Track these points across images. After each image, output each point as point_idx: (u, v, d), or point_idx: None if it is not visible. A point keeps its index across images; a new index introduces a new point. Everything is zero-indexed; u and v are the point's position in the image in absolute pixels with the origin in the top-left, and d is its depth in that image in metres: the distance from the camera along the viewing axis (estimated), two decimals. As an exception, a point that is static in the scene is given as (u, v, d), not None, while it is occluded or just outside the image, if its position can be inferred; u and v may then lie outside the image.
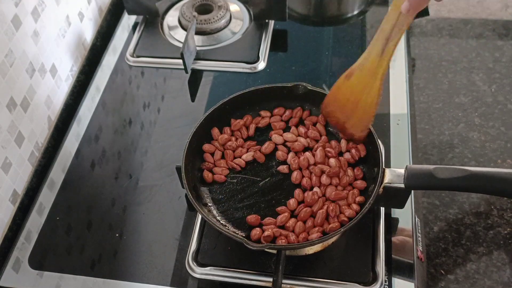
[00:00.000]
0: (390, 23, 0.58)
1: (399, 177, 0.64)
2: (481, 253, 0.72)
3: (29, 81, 0.79)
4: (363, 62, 0.64)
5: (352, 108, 0.66)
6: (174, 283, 0.67)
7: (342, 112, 0.68)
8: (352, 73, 0.65)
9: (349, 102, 0.66)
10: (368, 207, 0.63)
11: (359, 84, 0.65)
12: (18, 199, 0.77)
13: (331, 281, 0.65)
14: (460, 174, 0.61)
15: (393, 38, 0.59)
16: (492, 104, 0.89)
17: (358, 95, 0.65)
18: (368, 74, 0.63)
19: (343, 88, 0.67)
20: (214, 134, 0.74)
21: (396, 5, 0.58)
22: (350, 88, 0.66)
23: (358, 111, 0.66)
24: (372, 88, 0.64)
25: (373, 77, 0.63)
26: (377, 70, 0.62)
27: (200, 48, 0.94)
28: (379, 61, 0.62)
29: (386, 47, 0.60)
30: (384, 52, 0.61)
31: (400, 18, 0.57)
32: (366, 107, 0.66)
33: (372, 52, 0.62)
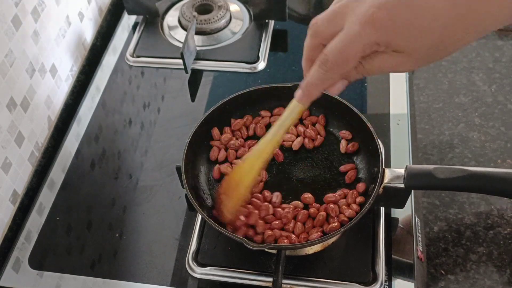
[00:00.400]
0: (288, 110, 0.58)
1: (399, 177, 0.64)
2: (481, 253, 0.72)
3: (29, 81, 0.79)
4: (256, 147, 0.64)
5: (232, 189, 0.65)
6: (174, 283, 0.67)
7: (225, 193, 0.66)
8: (246, 157, 0.65)
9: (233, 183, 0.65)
10: (368, 207, 0.63)
11: (247, 166, 0.64)
12: (18, 199, 0.77)
13: (331, 281, 0.65)
14: (460, 174, 0.61)
15: (284, 125, 0.59)
16: (492, 104, 0.89)
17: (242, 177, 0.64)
18: (255, 156, 0.63)
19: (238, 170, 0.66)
20: (214, 134, 0.74)
21: None
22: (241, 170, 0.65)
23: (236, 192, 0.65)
24: (252, 169, 0.63)
25: (257, 159, 0.63)
26: (262, 154, 0.62)
27: (200, 48, 0.94)
28: (267, 145, 0.61)
29: (277, 133, 0.60)
30: (274, 137, 0.60)
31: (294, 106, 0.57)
32: (242, 189, 0.65)
33: (266, 136, 0.62)
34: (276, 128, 0.60)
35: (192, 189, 0.68)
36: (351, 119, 0.72)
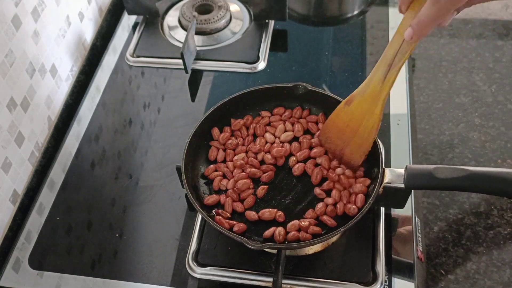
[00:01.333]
0: (393, 49, 0.58)
1: (399, 177, 0.64)
2: (481, 253, 0.71)
3: (29, 81, 0.79)
4: (364, 88, 0.63)
5: (350, 135, 0.66)
6: (174, 283, 0.67)
7: (340, 139, 0.67)
8: (352, 99, 0.65)
9: (348, 128, 0.66)
10: (368, 207, 0.63)
11: (359, 110, 0.64)
12: (18, 199, 0.77)
13: (331, 281, 0.65)
14: (460, 174, 0.61)
15: (395, 65, 0.59)
16: (492, 104, 0.89)
17: (358, 121, 0.65)
18: (369, 100, 0.63)
19: (342, 114, 0.66)
20: (214, 134, 0.74)
21: (400, 31, 0.57)
22: (350, 114, 0.65)
23: (357, 138, 0.65)
24: (372, 114, 0.63)
25: (374, 103, 0.62)
26: (378, 96, 0.62)
27: (200, 48, 0.94)
28: (381, 87, 0.61)
29: (388, 74, 0.59)
30: (386, 79, 0.60)
31: (403, 45, 0.57)
32: (365, 134, 0.65)
33: (374, 78, 0.61)
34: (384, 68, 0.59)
35: (192, 189, 0.68)
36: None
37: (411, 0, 0.54)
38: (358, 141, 0.66)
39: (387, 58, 0.59)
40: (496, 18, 1.03)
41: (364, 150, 0.66)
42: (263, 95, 0.76)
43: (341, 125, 0.67)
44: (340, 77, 0.89)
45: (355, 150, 0.67)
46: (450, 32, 1.01)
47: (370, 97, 0.62)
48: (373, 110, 0.63)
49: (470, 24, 1.03)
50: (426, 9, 0.51)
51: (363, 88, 0.64)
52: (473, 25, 1.02)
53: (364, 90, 0.63)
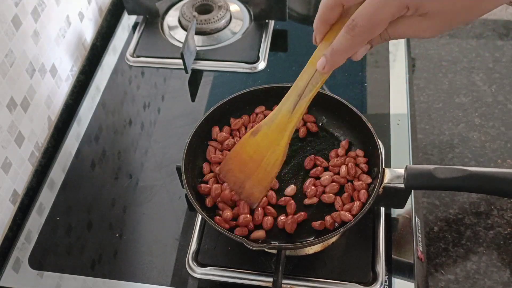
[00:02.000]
0: (304, 79, 0.56)
1: (399, 177, 0.64)
2: (481, 253, 0.72)
3: (29, 81, 0.79)
4: (272, 118, 0.60)
5: (253, 167, 0.62)
6: (174, 283, 0.67)
7: (242, 171, 0.63)
8: (258, 129, 0.61)
9: (251, 160, 0.62)
10: (368, 207, 0.63)
11: (265, 142, 0.61)
12: (18, 199, 0.77)
13: (331, 281, 0.65)
14: (460, 174, 0.61)
15: (305, 95, 0.56)
16: (492, 104, 0.89)
17: (262, 152, 0.61)
18: (276, 131, 0.60)
19: (247, 145, 0.62)
20: (214, 134, 0.74)
21: (312, 62, 0.55)
22: (255, 145, 0.62)
23: (260, 171, 0.62)
24: (278, 146, 0.60)
25: (280, 135, 0.60)
26: (285, 128, 0.59)
27: (200, 48, 0.94)
28: (289, 118, 0.58)
29: (297, 104, 0.57)
30: (295, 109, 0.58)
31: (315, 75, 0.55)
32: (268, 167, 0.61)
33: (283, 108, 0.59)
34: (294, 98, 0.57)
35: (192, 189, 0.67)
36: (351, 119, 0.72)
37: (326, 31, 0.53)
38: (260, 175, 0.62)
39: (298, 88, 0.57)
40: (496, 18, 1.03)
41: (265, 185, 0.62)
42: (263, 95, 0.76)
43: (244, 156, 0.63)
44: (340, 77, 0.89)
45: (255, 184, 0.62)
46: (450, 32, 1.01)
47: (277, 128, 0.60)
48: (278, 142, 0.60)
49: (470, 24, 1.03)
50: (340, 38, 0.49)
51: (270, 118, 0.60)
52: (473, 25, 1.02)
53: (271, 121, 0.60)
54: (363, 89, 0.86)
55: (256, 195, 0.63)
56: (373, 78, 0.87)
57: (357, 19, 0.47)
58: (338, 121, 0.74)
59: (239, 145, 0.64)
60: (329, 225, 0.65)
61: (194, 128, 0.71)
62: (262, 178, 0.62)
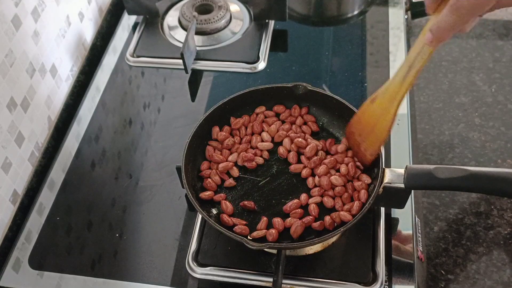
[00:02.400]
0: (415, 51, 0.58)
1: (399, 177, 0.64)
2: (481, 253, 0.72)
3: (29, 81, 0.79)
4: (386, 87, 0.64)
5: (368, 131, 0.67)
6: (174, 283, 0.67)
7: (360, 135, 0.68)
8: (376, 97, 0.66)
9: (368, 125, 0.67)
10: (368, 207, 0.63)
11: (379, 108, 0.65)
12: (18, 199, 0.77)
13: (331, 281, 0.65)
14: (460, 174, 0.61)
15: (415, 66, 0.59)
16: (492, 104, 0.89)
17: (376, 119, 0.66)
18: (388, 99, 0.63)
19: (367, 111, 0.67)
20: (214, 134, 0.74)
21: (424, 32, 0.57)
22: (372, 111, 0.66)
23: (373, 135, 0.66)
24: (388, 113, 0.64)
25: (391, 102, 0.63)
26: (395, 96, 0.63)
27: (200, 48, 0.94)
28: (400, 87, 0.62)
29: (408, 74, 0.60)
30: (405, 79, 0.61)
31: (424, 47, 0.57)
32: (380, 132, 0.66)
33: (396, 77, 0.62)
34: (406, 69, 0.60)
35: (192, 189, 0.68)
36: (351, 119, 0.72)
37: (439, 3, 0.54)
38: (373, 138, 0.67)
39: (410, 59, 0.59)
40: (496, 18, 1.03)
41: (375, 149, 0.67)
42: (263, 95, 0.76)
43: (364, 122, 0.68)
44: (340, 77, 0.89)
45: (368, 147, 0.68)
46: (450, 32, 1.01)
47: (389, 96, 0.63)
48: (389, 110, 0.64)
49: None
50: (445, 16, 0.50)
51: (386, 87, 0.64)
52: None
53: (386, 89, 0.64)
54: (363, 89, 0.86)
55: (368, 157, 0.68)
56: (373, 78, 0.87)
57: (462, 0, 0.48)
58: (339, 121, 0.74)
59: (361, 111, 0.69)
60: (329, 225, 0.65)
61: (194, 128, 0.71)
62: (374, 141, 0.67)
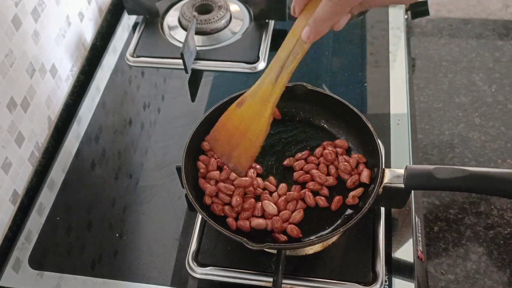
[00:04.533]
0: (286, 50, 0.57)
1: (399, 177, 0.64)
2: (481, 253, 0.72)
3: (29, 81, 0.79)
4: (255, 90, 0.62)
5: (239, 137, 0.64)
6: (174, 283, 0.67)
7: (229, 142, 0.65)
8: (243, 100, 0.63)
9: (237, 131, 0.64)
10: (368, 207, 0.63)
11: (250, 112, 0.62)
12: (18, 199, 0.77)
13: (331, 281, 0.65)
14: (460, 174, 0.61)
15: (287, 67, 0.57)
16: (492, 104, 0.89)
17: (247, 123, 0.63)
18: (260, 102, 0.61)
19: (233, 116, 0.64)
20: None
21: (294, 32, 0.56)
22: (240, 116, 0.63)
23: (245, 141, 0.63)
24: (261, 117, 0.61)
25: (264, 105, 0.61)
26: (269, 98, 0.60)
27: (200, 48, 0.94)
28: (272, 90, 0.60)
29: (280, 75, 0.58)
30: (277, 80, 0.59)
31: (296, 46, 0.56)
32: (254, 137, 0.63)
33: (266, 79, 0.60)
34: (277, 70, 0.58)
35: (192, 189, 0.67)
36: (351, 119, 0.72)
37: (306, 3, 0.54)
38: (246, 145, 0.64)
39: (280, 59, 0.58)
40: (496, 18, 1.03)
41: (251, 155, 0.64)
42: (263, 95, 0.76)
43: (230, 127, 0.64)
44: (340, 77, 0.89)
45: (242, 154, 0.64)
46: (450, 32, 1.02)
47: (260, 99, 0.61)
48: (262, 113, 0.61)
49: (470, 24, 1.03)
50: (322, 7, 0.51)
51: (254, 90, 0.62)
52: (473, 25, 1.02)
53: (255, 92, 0.62)
54: (363, 89, 0.86)
55: (243, 164, 0.64)
56: (373, 78, 0.87)
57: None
58: (338, 121, 0.74)
59: (225, 116, 0.65)
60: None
61: (194, 128, 0.71)
62: (248, 148, 0.64)
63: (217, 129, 0.66)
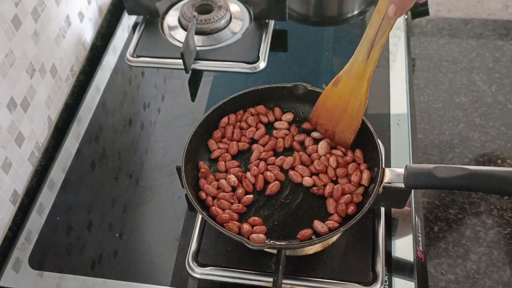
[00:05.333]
0: (373, 28, 0.60)
1: (399, 177, 0.64)
2: (481, 253, 0.72)
3: (29, 81, 0.79)
4: (349, 68, 0.65)
5: (340, 114, 0.68)
6: (174, 283, 0.67)
7: (330, 119, 0.69)
8: (339, 79, 0.67)
9: (337, 108, 0.68)
10: (368, 206, 0.63)
11: (347, 89, 0.66)
12: (18, 199, 0.77)
13: (331, 281, 0.65)
14: (460, 173, 0.61)
15: (377, 42, 0.61)
16: (492, 104, 0.89)
17: (346, 100, 0.67)
18: (355, 79, 0.65)
19: (331, 95, 0.68)
20: (215, 135, 0.74)
21: (379, 10, 0.59)
22: (338, 94, 0.67)
23: (346, 116, 0.68)
24: (359, 92, 0.65)
25: (360, 81, 0.65)
26: (363, 75, 0.64)
27: (200, 48, 0.94)
28: (365, 66, 0.63)
29: (371, 52, 0.62)
30: (369, 57, 0.62)
31: (383, 22, 0.59)
32: (354, 112, 0.67)
33: (358, 57, 0.63)
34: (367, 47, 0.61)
35: (192, 189, 0.67)
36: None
37: None
38: (348, 119, 0.68)
39: (369, 37, 0.61)
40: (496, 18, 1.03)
41: (354, 128, 0.68)
42: (263, 95, 0.76)
43: (330, 105, 0.69)
44: (340, 77, 0.89)
45: (345, 128, 0.69)
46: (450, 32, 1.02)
47: (355, 76, 0.65)
48: (359, 89, 0.65)
49: (470, 24, 1.03)
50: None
51: (348, 68, 0.65)
52: (473, 25, 1.02)
53: (349, 70, 0.65)
54: (363, 89, 0.86)
55: (347, 136, 0.68)
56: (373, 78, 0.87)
57: None
58: None
59: (324, 96, 0.69)
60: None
61: (194, 128, 0.71)
62: (350, 122, 0.68)
63: (317, 109, 0.70)
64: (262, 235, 0.64)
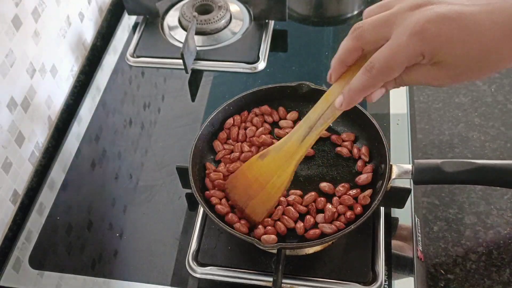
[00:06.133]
0: (317, 113, 0.58)
1: (407, 173, 0.64)
2: (481, 253, 0.72)
3: (30, 81, 0.79)
4: (281, 145, 0.63)
5: (257, 189, 0.64)
6: (174, 283, 0.67)
7: (246, 191, 0.65)
8: (267, 153, 0.64)
9: (256, 182, 0.65)
10: (377, 203, 0.62)
11: (272, 166, 0.63)
12: (18, 199, 0.77)
13: (331, 281, 0.65)
14: (468, 167, 0.61)
15: (316, 128, 0.59)
16: (492, 104, 0.89)
17: (268, 176, 0.64)
18: (284, 158, 0.62)
19: (255, 167, 0.65)
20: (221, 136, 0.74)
21: (327, 97, 0.57)
22: (261, 168, 0.64)
23: (263, 193, 0.64)
24: (284, 171, 0.63)
25: (287, 162, 0.62)
26: (293, 156, 0.62)
27: (200, 48, 0.94)
28: (298, 148, 0.61)
29: (307, 136, 0.60)
30: (304, 140, 0.60)
31: (328, 110, 0.57)
32: (273, 191, 0.64)
33: (293, 137, 0.61)
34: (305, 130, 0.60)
35: (200, 191, 0.67)
36: (356, 117, 0.72)
37: (342, 72, 0.55)
38: (264, 197, 0.64)
39: (310, 120, 0.59)
40: (496, 18, 1.03)
41: (267, 208, 0.65)
42: (266, 95, 0.76)
43: (250, 177, 0.65)
44: (340, 77, 0.89)
45: (259, 205, 0.65)
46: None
47: (285, 155, 0.62)
48: (285, 169, 0.62)
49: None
50: (357, 78, 0.51)
51: (279, 145, 0.63)
52: (473, 25, 1.02)
53: (280, 147, 0.63)
54: (363, 89, 0.86)
55: (258, 214, 0.65)
56: (373, 78, 0.87)
57: (374, 61, 0.49)
58: (343, 118, 0.74)
59: (246, 165, 0.66)
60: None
61: (200, 131, 0.71)
62: (265, 200, 0.64)
63: (236, 176, 0.67)
64: (273, 236, 0.64)
